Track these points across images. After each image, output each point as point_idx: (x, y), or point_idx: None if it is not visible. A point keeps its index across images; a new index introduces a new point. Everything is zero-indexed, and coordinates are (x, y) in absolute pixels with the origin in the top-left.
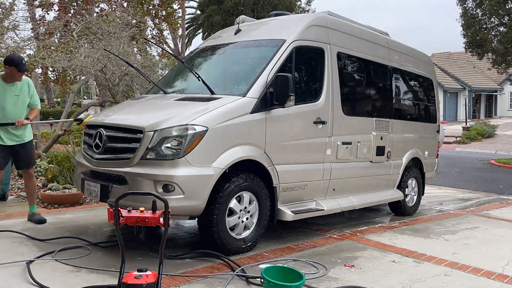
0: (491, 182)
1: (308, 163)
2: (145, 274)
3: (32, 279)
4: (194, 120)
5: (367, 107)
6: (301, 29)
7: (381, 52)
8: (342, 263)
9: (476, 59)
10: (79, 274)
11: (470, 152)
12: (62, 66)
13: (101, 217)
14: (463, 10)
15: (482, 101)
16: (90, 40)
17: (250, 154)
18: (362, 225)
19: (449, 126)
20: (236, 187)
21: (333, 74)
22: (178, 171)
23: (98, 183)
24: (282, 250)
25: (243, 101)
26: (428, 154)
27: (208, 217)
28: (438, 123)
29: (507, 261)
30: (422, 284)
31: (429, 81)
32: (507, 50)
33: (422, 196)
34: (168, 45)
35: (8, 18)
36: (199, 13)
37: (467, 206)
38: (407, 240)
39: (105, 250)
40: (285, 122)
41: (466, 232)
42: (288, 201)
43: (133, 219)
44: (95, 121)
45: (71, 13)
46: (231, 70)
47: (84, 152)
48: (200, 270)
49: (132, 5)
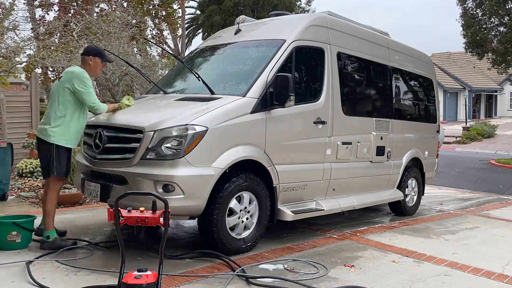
0: (491, 182)
1: (308, 163)
2: (145, 274)
3: (32, 279)
4: (194, 120)
5: (367, 107)
6: (301, 29)
7: (381, 52)
8: (342, 263)
9: (476, 59)
10: (79, 274)
11: (470, 152)
12: (62, 66)
13: (101, 217)
14: (463, 10)
15: (482, 101)
16: (90, 40)
17: (250, 154)
18: (362, 225)
19: (449, 126)
20: (236, 187)
21: (333, 74)
22: (178, 171)
23: (98, 183)
24: (282, 250)
25: (243, 101)
26: (428, 154)
27: (208, 217)
28: (438, 123)
29: (507, 261)
30: (422, 284)
31: (429, 81)
32: (507, 50)
33: (422, 196)
34: (168, 45)
35: (8, 18)
36: (199, 13)
37: (467, 206)
38: (407, 240)
39: (105, 250)
40: (285, 122)
41: (466, 232)
42: (288, 201)
43: (133, 219)
44: (95, 121)
45: (71, 13)
46: (231, 70)
47: (84, 152)
48: (200, 270)
49: (132, 5)
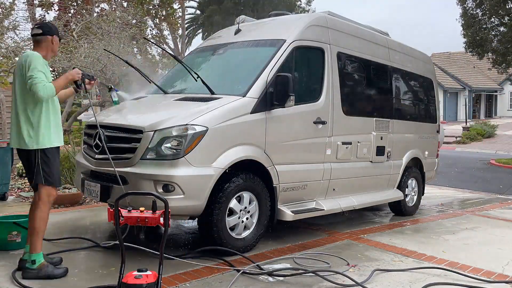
0: (491, 182)
1: (308, 163)
2: (145, 274)
3: (16, 281)
4: (194, 120)
5: (367, 107)
6: (301, 29)
7: (381, 52)
8: (342, 263)
9: (476, 59)
10: (79, 274)
11: (470, 152)
12: (62, 66)
13: (101, 217)
14: (463, 10)
15: (482, 101)
16: (90, 40)
17: (250, 154)
18: (362, 225)
19: (449, 126)
20: (236, 187)
21: (333, 74)
22: (178, 171)
23: (98, 183)
24: (282, 250)
25: (243, 101)
26: (428, 154)
27: (208, 217)
28: (438, 123)
29: (507, 261)
30: (422, 284)
31: (429, 81)
32: (507, 50)
33: (422, 196)
34: (168, 45)
35: (8, 18)
36: (199, 13)
37: (467, 206)
38: (407, 240)
39: (105, 250)
40: (285, 122)
41: (466, 232)
42: (288, 201)
43: (133, 219)
44: (95, 121)
45: (71, 13)
46: (231, 70)
47: (84, 152)
48: (200, 270)
49: (132, 5)
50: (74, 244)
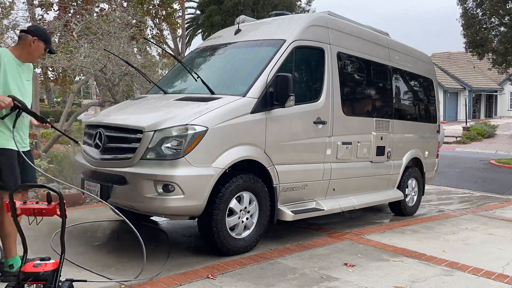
0: (491, 182)
1: (308, 163)
2: (45, 263)
3: None
4: (194, 120)
5: (367, 107)
6: (301, 29)
7: (381, 52)
8: (342, 263)
9: (476, 59)
10: (78, 274)
11: (470, 152)
12: (62, 66)
13: (101, 217)
14: (463, 10)
15: (482, 101)
16: (90, 40)
17: (250, 154)
18: (362, 225)
19: (449, 126)
20: (236, 187)
21: (333, 74)
22: (178, 171)
23: (98, 183)
24: (282, 250)
25: (243, 101)
26: (428, 154)
27: (208, 217)
28: (438, 123)
29: (507, 261)
30: (422, 284)
31: (429, 81)
32: (507, 50)
33: (422, 196)
34: (168, 45)
35: (7, 17)
36: (199, 13)
37: (467, 206)
38: (407, 240)
39: (104, 250)
40: (285, 122)
41: (466, 232)
42: (288, 201)
43: (30, 210)
44: (95, 121)
45: (71, 13)
46: (231, 70)
47: (84, 152)
48: (200, 270)
49: (132, 5)
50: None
